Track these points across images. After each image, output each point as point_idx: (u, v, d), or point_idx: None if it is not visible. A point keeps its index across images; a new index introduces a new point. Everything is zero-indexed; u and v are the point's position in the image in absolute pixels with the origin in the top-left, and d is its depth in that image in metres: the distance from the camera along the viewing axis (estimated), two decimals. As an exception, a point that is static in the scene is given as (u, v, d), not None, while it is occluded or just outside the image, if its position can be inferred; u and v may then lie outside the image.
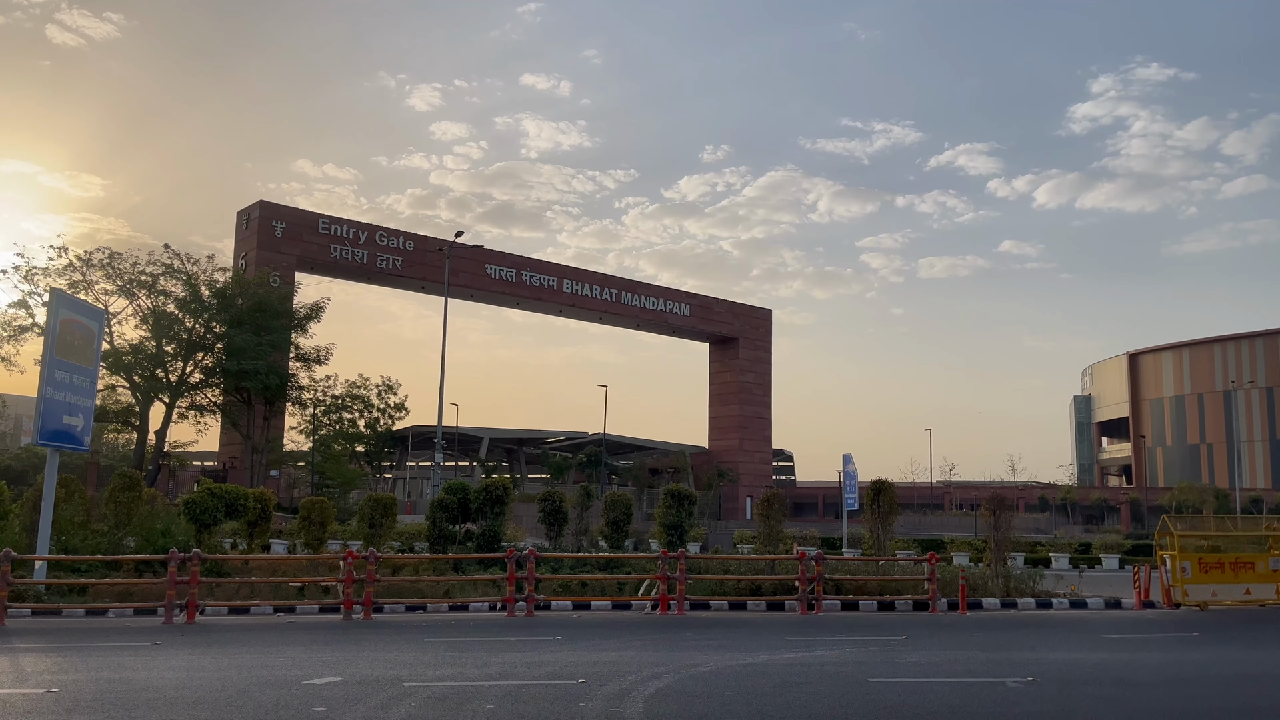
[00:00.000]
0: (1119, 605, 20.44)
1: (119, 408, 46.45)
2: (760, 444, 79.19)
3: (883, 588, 20.19)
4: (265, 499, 23.61)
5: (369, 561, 17.41)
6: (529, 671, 10.89)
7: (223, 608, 17.77)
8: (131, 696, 9.26)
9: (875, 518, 24.10)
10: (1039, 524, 62.45)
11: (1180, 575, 20.06)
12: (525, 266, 66.98)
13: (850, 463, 33.72)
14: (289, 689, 9.63)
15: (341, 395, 53.52)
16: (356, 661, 11.67)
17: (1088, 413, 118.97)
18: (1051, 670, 11.34)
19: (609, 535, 25.70)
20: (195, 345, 45.26)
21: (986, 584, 21.19)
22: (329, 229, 57.58)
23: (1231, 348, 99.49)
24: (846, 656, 12.48)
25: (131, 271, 44.55)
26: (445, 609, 18.59)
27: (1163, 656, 13.12)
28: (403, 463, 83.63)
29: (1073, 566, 32.39)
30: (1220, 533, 25.25)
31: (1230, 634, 16.09)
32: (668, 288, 76.38)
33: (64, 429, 19.64)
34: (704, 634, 14.98)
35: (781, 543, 25.35)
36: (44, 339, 19.84)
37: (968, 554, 32.02)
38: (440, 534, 24.01)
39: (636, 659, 11.98)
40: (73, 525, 21.91)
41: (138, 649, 12.89)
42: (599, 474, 73.90)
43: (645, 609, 18.80)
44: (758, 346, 79.96)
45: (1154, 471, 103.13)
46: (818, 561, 19.08)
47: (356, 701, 8.98)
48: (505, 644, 13.61)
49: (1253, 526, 30.57)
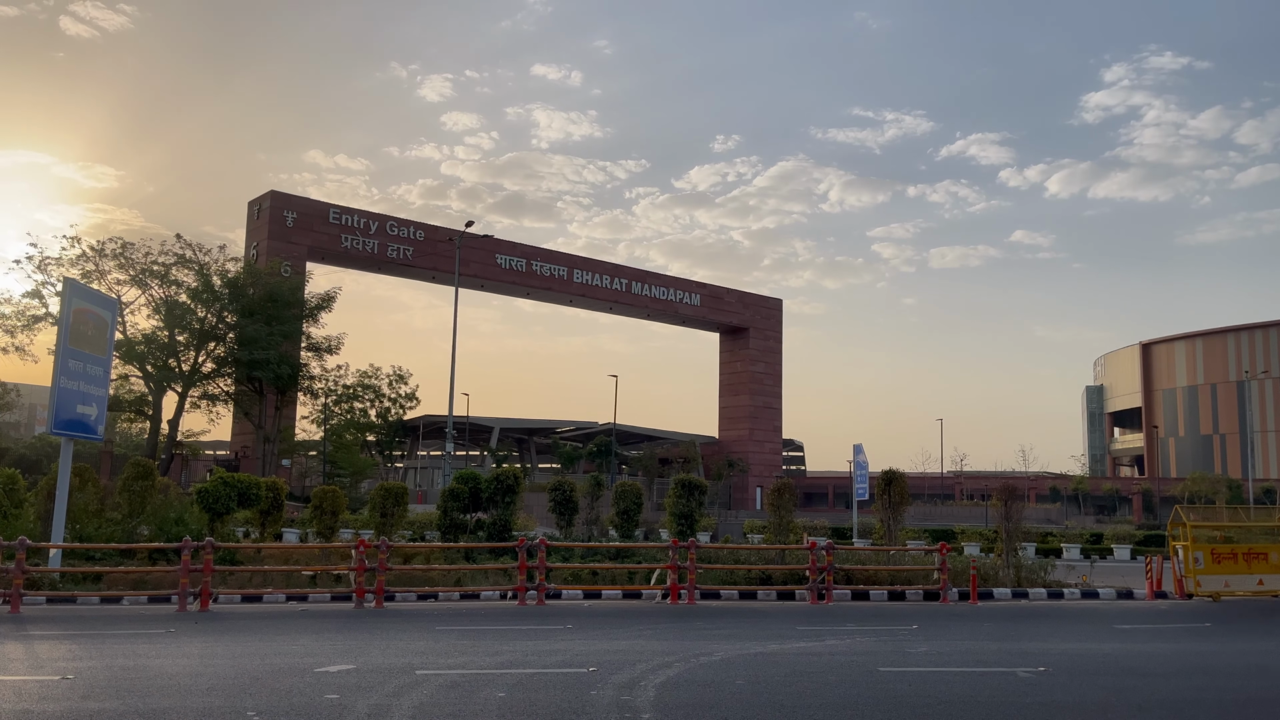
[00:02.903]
0: (1131, 596, 20.39)
1: (132, 397, 46.71)
2: (770, 434, 79.15)
3: (893, 577, 20.17)
4: (277, 488, 23.71)
5: (380, 550, 17.47)
6: (540, 660, 10.93)
7: (236, 596, 17.87)
8: (146, 683, 9.32)
9: (886, 507, 24.06)
10: (1050, 514, 62.31)
11: (1193, 566, 19.99)
12: (535, 256, 66.98)
13: (861, 453, 33.67)
14: (302, 676, 9.68)
15: (353, 385, 53.73)
16: (369, 649, 11.72)
17: (1100, 403, 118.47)
18: (1063, 660, 11.32)
19: (619, 525, 25.73)
20: (207, 335, 45.44)
21: (997, 574, 21.15)
22: (340, 219, 57.68)
23: (1245, 337, 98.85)
24: (857, 646, 12.48)
25: (144, 261, 44.75)
26: (456, 597, 18.66)
27: (1175, 647, 13.08)
28: (414, 452, 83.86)
29: (1084, 557, 32.29)
30: (1233, 523, 25.11)
31: (1243, 625, 16.04)
32: (678, 277, 76.31)
33: (78, 418, 19.74)
34: (714, 623, 15.00)
35: (792, 532, 25.34)
36: (57, 328, 19.93)
37: (979, 544, 31.97)
38: (451, 523, 24.07)
39: (647, 648, 12.00)
40: (87, 514, 22.06)
41: (152, 636, 12.98)
42: (609, 464, 73.99)
43: (656, 598, 18.83)
44: (768, 336, 79.84)
45: (1166, 462, 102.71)
46: (828, 551, 19.07)
47: (369, 689, 9.02)
48: (516, 632, 13.65)
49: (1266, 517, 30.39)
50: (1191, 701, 9.13)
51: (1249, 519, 26.66)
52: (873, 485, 26.37)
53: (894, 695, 9.04)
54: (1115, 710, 8.69)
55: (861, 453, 33.59)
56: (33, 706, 8.20)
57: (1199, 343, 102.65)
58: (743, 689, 9.27)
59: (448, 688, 9.15)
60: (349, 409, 54.06)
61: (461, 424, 70.36)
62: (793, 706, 8.47)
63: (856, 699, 8.84)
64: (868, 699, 8.84)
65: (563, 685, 9.31)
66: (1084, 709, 8.68)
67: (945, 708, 8.52)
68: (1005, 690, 9.41)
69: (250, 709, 8.14)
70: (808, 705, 8.52)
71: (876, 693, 9.14)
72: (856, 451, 33.75)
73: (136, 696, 8.67)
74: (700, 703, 8.59)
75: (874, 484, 25.68)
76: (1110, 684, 9.93)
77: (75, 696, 8.63)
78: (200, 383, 46.76)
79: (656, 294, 73.01)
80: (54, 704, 8.32)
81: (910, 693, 9.17)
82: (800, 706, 8.47)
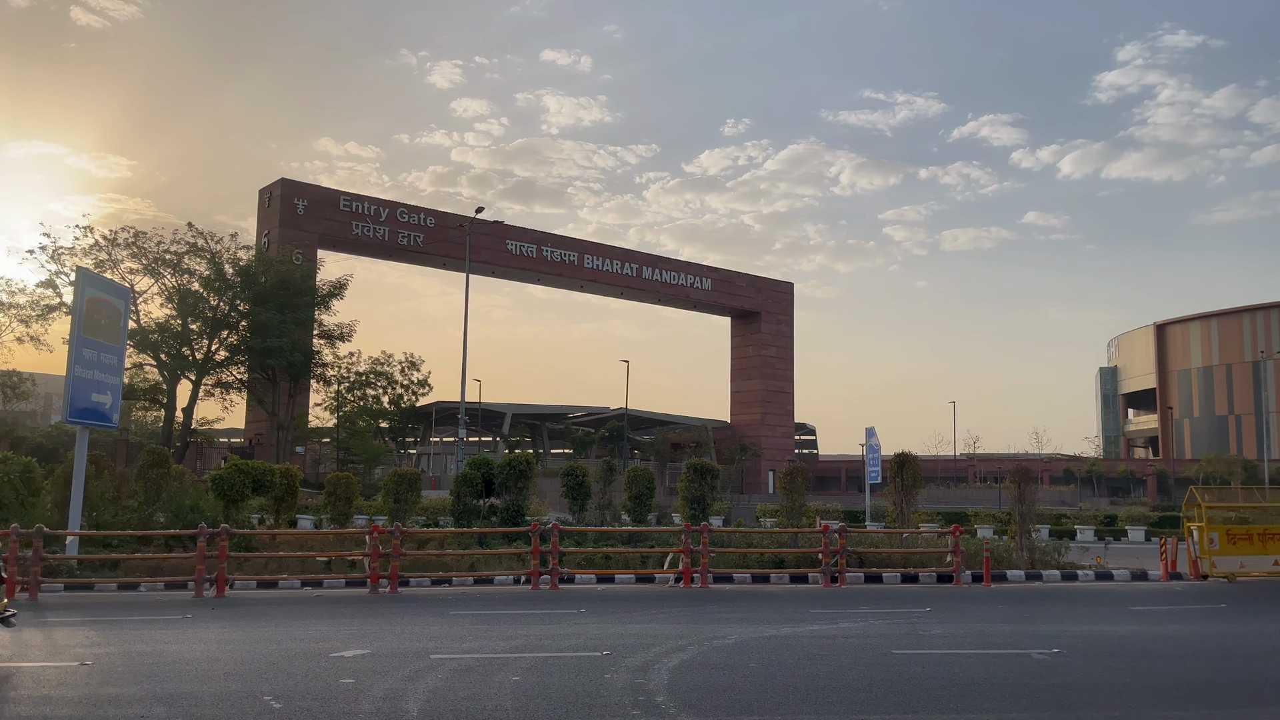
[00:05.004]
0: (1145, 577, 20.32)
1: (146, 385, 46.99)
2: (782, 418, 79.03)
3: (906, 560, 20.15)
4: (291, 475, 23.80)
5: (394, 536, 17.54)
6: (554, 644, 10.96)
7: (251, 582, 17.98)
8: (164, 669, 9.40)
9: (899, 490, 24.01)
10: (1064, 496, 62.08)
11: (1208, 547, 19.91)
12: (546, 242, 66.89)
13: (873, 436, 33.56)
14: (318, 661, 9.74)
15: (365, 372, 53.85)
16: (384, 634, 11.79)
17: (1114, 384, 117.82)
18: (1077, 642, 11.30)
19: (632, 509, 25.75)
20: (220, 323, 45.62)
21: (1011, 556, 21.11)
22: (350, 206, 57.70)
23: (1260, 317, 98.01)
24: (870, 629, 12.48)
25: (156, 250, 44.93)
26: (470, 583, 18.74)
27: (1189, 628, 13.04)
28: (426, 438, 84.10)
29: (1098, 539, 32.20)
30: (1248, 504, 24.97)
31: (1258, 606, 15.97)
32: (689, 262, 76.12)
33: (93, 406, 19.85)
34: (727, 607, 15.02)
35: (804, 516, 25.33)
36: (71, 318, 20.02)
37: (992, 526, 31.90)
38: (465, 508, 24.14)
39: (661, 631, 12.03)
40: (103, 501, 22.22)
41: (169, 622, 13.08)
42: (621, 449, 74.07)
43: (669, 582, 18.87)
44: (779, 320, 79.62)
45: (1181, 443, 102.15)
46: (841, 534, 19.06)
47: (384, 674, 9.07)
48: (530, 616, 13.70)
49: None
50: (1208, 683, 9.10)
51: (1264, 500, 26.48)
52: (885, 468, 26.29)
53: (908, 678, 9.03)
54: (1131, 692, 8.66)
55: (874, 436, 33.48)
56: (52, 692, 8.28)
57: (1214, 323, 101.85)
58: (756, 672, 9.29)
59: (462, 672, 9.19)
60: (362, 396, 54.20)
61: (474, 410, 70.52)
62: (806, 689, 8.47)
63: (870, 681, 8.84)
64: (881, 681, 8.84)
65: (577, 669, 9.34)
66: (1099, 691, 8.66)
67: (959, 690, 8.51)
68: (1020, 672, 9.39)
69: (267, 693, 8.20)
70: (821, 688, 8.53)
71: (890, 675, 9.14)
72: (869, 435, 33.63)
73: (154, 682, 8.74)
74: (714, 686, 8.61)
75: (886, 467, 25.61)
76: (1125, 665, 9.90)
77: (94, 682, 8.70)
78: (214, 371, 46.99)
79: (667, 279, 72.84)
80: (73, 690, 8.40)
81: (924, 675, 9.17)
82: (814, 689, 8.47)
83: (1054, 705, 8.01)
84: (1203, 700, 8.36)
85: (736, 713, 7.63)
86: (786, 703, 7.97)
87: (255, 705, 7.79)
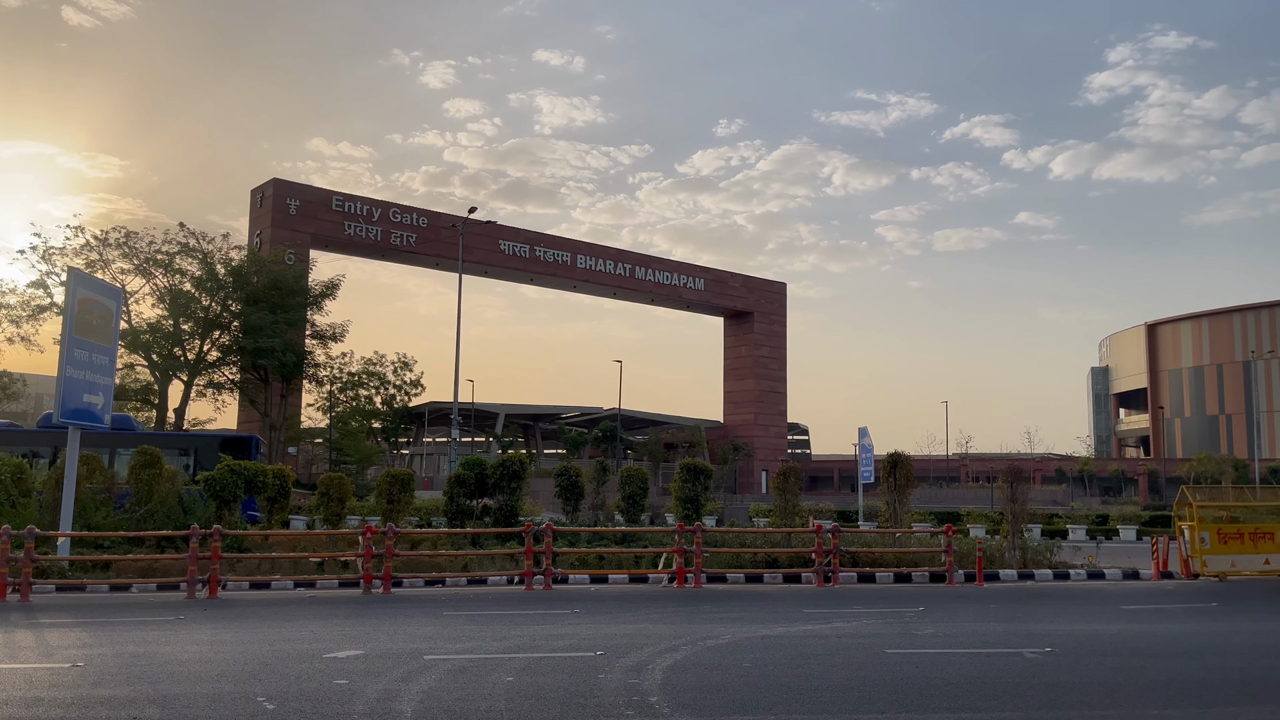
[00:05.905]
0: (1137, 576, 20.38)
1: (138, 386, 46.84)
2: (775, 418, 79.16)
3: (899, 560, 20.18)
4: (284, 475, 23.76)
5: (387, 537, 17.51)
6: (548, 644, 10.96)
7: (244, 583, 17.94)
8: (156, 670, 9.37)
9: (891, 490, 24.04)
10: (1056, 496, 62.31)
11: (1199, 546, 19.98)
12: (539, 242, 66.87)
13: (866, 435, 33.61)
14: (311, 662, 9.72)
15: (358, 372, 53.78)
16: (377, 635, 11.77)
17: (1105, 384, 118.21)
18: (1069, 641, 11.33)
19: (625, 509, 25.74)
20: (212, 323, 45.49)
21: (1003, 555, 21.16)
22: (343, 206, 57.61)
23: (1251, 317, 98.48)
24: (864, 628, 12.50)
25: (148, 250, 44.80)
26: (463, 583, 18.72)
27: (1181, 627, 13.09)
28: (419, 439, 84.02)
29: (1090, 538, 32.28)
30: (1239, 503, 25.07)
31: (1249, 604, 16.04)
32: (682, 262, 76.18)
33: (84, 407, 19.77)
34: (721, 606, 15.03)
35: (798, 516, 25.35)
36: (63, 318, 19.94)
37: (984, 526, 31.95)
38: (458, 509, 24.11)
39: (654, 631, 12.03)
40: (95, 502, 22.13)
41: (161, 623, 13.04)
42: (614, 449, 74.08)
43: (662, 582, 18.87)
44: (772, 320, 79.73)
45: (1172, 443, 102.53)
46: (834, 534, 19.08)
47: (377, 674, 9.06)
48: (524, 617, 13.69)
49: (1272, 497, 30.36)
50: (1199, 682, 9.14)
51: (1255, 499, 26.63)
52: (878, 468, 26.31)
53: (901, 677, 9.05)
54: (1122, 691, 8.70)
55: (866, 436, 33.53)
56: (43, 694, 8.25)
57: (1205, 323, 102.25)
58: (750, 671, 9.30)
59: (456, 672, 9.18)
60: (354, 396, 54.13)
61: (467, 410, 70.43)
62: (799, 689, 8.48)
63: (863, 681, 8.85)
64: (874, 681, 8.86)
65: (570, 669, 9.34)
66: (1091, 689, 8.69)
67: (952, 689, 8.53)
68: (1012, 671, 9.42)
69: (260, 694, 8.18)
70: (815, 687, 8.54)
71: (883, 674, 9.16)
72: (861, 434, 33.68)
73: (147, 683, 8.71)
74: (707, 685, 8.62)
75: (879, 467, 25.64)
76: (1117, 664, 9.94)
77: (86, 684, 8.67)
78: (206, 371, 46.86)
79: (660, 279, 72.88)
80: (64, 691, 8.37)
81: (917, 674, 9.19)
82: (807, 689, 8.49)
83: (1046, 704, 8.03)
84: (1194, 699, 8.39)
85: (730, 712, 7.64)
86: (780, 702, 7.99)
87: (248, 706, 7.78)
